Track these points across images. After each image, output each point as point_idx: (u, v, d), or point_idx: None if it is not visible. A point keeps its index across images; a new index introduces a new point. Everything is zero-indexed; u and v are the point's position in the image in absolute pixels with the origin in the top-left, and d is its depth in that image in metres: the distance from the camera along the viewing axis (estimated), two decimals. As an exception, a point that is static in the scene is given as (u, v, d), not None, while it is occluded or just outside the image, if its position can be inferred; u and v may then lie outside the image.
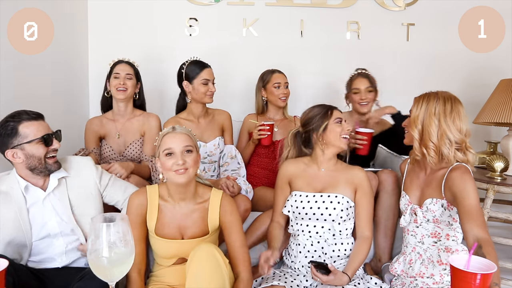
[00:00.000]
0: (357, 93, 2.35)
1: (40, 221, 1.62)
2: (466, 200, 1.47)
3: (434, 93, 1.66)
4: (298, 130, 1.91)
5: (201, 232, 1.60)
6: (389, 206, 2.03)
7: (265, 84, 2.49)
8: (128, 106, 2.29)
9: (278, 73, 2.50)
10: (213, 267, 1.39)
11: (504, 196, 2.75)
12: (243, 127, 2.59)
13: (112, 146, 2.28)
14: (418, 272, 1.67)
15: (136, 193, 1.63)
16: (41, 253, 1.64)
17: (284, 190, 1.87)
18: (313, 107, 1.86)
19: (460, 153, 1.60)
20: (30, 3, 2.25)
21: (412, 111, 1.67)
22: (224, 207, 1.60)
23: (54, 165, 1.60)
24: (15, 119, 1.53)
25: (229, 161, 2.32)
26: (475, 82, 3.08)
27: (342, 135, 1.78)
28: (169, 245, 1.58)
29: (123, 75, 2.22)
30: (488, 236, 1.41)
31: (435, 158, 1.61)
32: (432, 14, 3.08)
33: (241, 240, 1.60)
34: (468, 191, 1.49)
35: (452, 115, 1.59)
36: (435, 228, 1.65)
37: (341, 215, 1.75)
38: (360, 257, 1.73)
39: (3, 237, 1.55)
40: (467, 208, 1.45)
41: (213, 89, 2.25)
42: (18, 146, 1.52)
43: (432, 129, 1.59)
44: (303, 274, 1.78)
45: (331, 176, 1.82)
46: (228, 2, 3.05)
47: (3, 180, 1.61)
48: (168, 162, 1.49)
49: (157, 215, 1.58)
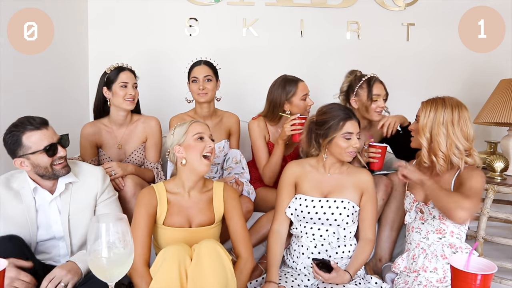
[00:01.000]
0: (377, 100, 2.13)
1: (46, 223, 1.63)
2: (468, 182, 1.56)
3: (441, 100, 1.67)
4: (314, 120, 1.82)
5: (208, 220, 1.68)
6: (398, 208, 2.03)
7: (290, 97, 2.18)
8: (128, 114, 2.18)
9: (301, 82, 2.22)
10: (217, 264, 1.42)
11: (504, 196, 2.74)
12: (255, 134, 2.26)
13: (110, 157, 2.18)
14: (421, 266, 1.68)
15: (145, 189, 1.69)
16: (46, 252, 1.66)
17: (289, 190, 1.82)
18: (333, 108, 1.76)
19: (469, 158, 1.64)
20: (30, 3, 2.25)
21: (420, 118, 1.67)
22: (228, 192, 1.72)
23: (62, 171, 1.59)
24: (19, 128, 1.51)
25: (233, 166, 2.30)
26: (475, 82, 3.08)
27: (347, 151, 1.71)
28: (178, 233, 1.64)
29: (131, 84, 2.09)
30: (468, 217, 1.52)
31: (444, 166, 1.65)
32: (432, 14, 3.08)
33: (242, 222, 1.70)
34: (475, 177, 1.57)
35: (460, 124, 1.63)
36: (440, 224, 1.67)
37: (347, 221, 1.73)
38: (363, 258, 1.74)
39: (8, 231, 1.56)
40: (467, 187, 1.55)
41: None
42: (23, 156, 1.53)
43: (441, 139, 1.62)
44: (304, 274, 1.78)
45: (337, 179, 1.79)
46: (228, 2, 3.05)
47: (16, 178, 1.62)
48: (200, 145, 1.62)
49: (167, 207, 1.64)
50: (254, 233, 2.08)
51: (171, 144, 1.66)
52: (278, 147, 2.13)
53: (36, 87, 2.37)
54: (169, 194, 1.67)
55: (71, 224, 1.65)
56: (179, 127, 1.66)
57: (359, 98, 2.19)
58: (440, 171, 1.67)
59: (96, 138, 2.17)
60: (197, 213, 1.67)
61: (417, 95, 1.82)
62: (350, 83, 2.24)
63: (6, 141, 1.53)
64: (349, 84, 2.25)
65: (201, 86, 2.19)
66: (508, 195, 2.59)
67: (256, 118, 2.30)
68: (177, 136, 1.65)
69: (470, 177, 1.58)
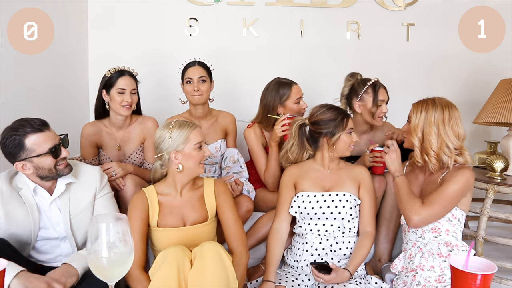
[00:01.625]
0: (381, 105, 2.14)
1: (49, 224, 1.63)
2: (442, 187, 1.62)
3: (432, 100, 1.71)
4: (304, 123, 1.89)
5: (202, 217, 1.69)
6: (393, 207, 2.03)
7: (284, 101, 2.18)
8: (127, 118, 2.17)
9: (295, 85, 2.20)
10: (218, 267, 1.43)
11: (504, 196, 2.74)
12: (252, 142, 2.24)
13: (111, 157, 2.19)
14: (418, 264, 1.68)
15: (136, 194, 1.70)
16: (48, 253, 1.66)
17: (289, 191, 1.86)
18: (328, 109, 1.83)
19: (460, 157, 1.68)
20: (30, 3, 2.25)
21: (412, 118, 1.71)
22: (218, 187, 1.73)
23: (66, 170, 1.59)
24: (20, 132, 1.47)
25: (231, 165, 2.30)
26: (475, 82, 3.08)
27: (350, 145, 1.82)
28: (173, 233, 1.64)
29: (128, 90, 2.07)
30: (421, 224, 1.64)
31: (436, 165, 1.68)
32: (432, 14, 3.08)
33: (235, 217, 1.71)
34: (453, 180, 1.61)
35: (451, 123, 1.66)
36: (435, 223, 1.68)
37: (351, 213, 1.77)
38: (362, 252, 1.75)
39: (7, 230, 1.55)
40: (436, 192, 1.62)
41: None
42: (26, 159, 1.50)
43: (432, 138, 1.65)
44: (305, 274, 1.78)
45: (336, 175, 1.85)
46: (228, 2, 3.05)
47: (14, 178, 1.62)
48: (200, 154, 1.64)
49: (158, 209, 1.65)
50: (254, 233, 2.08)
51: (166, 148, 1.61)
52: (272, 150, 2.12)
53: (36, 87, 2.37)
54: (160, 196, 1.67)
55: (73, 224, 1.64)
56: (178, 130, 1.61)
57: (363, 103, 2.17)
58: (433, 170, 1.70)
59: (97, 139, 2.17)
60: (190, 211, 1.67)
61: (417, 95, 1.82)
62: (352, 87, 2.22)
63: (7, 145, 1.48)
64: (351, 87, 2.23)
65: (195, 87, 2.18)
66: (508, 195, 2.59)
67: (252, 126, 2.26)
68: (176, 142, 1.60)
69: (448, 180, 1.62)
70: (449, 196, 1.61)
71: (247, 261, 1.68)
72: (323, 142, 1.83)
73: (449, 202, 1.62)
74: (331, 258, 1.78)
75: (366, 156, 2.05)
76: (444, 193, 1.61)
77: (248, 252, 1.70)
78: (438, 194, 1.61)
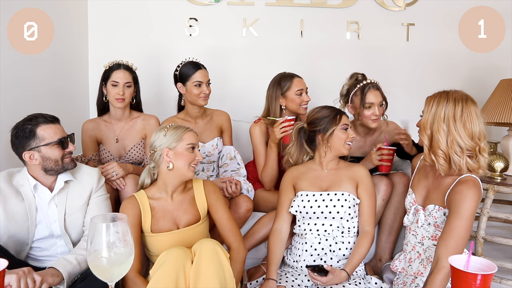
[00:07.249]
0: (371, 107, 2.10)
1: (45, 221, 1.64)
2: (457, 219, 1.42)
3: (445, 93, 1.55)
4: (303, 126, 1.91)
5: (194, 218, 1.70)
6: (397, 208, 2.02)
7: (285, 91, 2.22)
8: (126, 110, 2.23)
9: (298, 77, 2.25)
10: (214, 265, 1.43)
11: (504, 196, 2.75)
12: (256, 139, 2.25)
13: (110, 151, 2.23)
14: (416, 271, 1.67)
15: (127, 200, 1.69)
16: (44, 250, 1.67)
17: (288, 192, 1.88)
18: (322, 108, 1.87)
19: (472, 160, 1.50)
20: (30, 3, 2.25)
21: (424, 113, 1.57)
22: (208, 187, 1.75)
23: (71, 163, 1.64)
24: (33, 121, 1.56)
25: (228, 162, 2.30)
26: (475, 82, 3.08)
27: (346, 141, 1.81)
28: (167, 237, 1.64)
29: (122, 83, 2.12)
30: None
31: (444, 166, 1.52)
32: (432, 14, 3.08)
33: (228, 214, 1.73)
34: (465, 209, 1.42)
35: (463, 119, 1.48)
36: (436, 231, 1.63)
37: (349, 212, 1.77)
38: (360, 252, 1.74)
39: (7, 230, 1.56)
40: (452, 226, 1.42)
41: (206, 91, 2.18)
42: (35, 148, 1.55)
43: (441, 136, 1.49)
44: (305, 274, 1.78)
45: (334, 174, 1.85)
46: (228, 2, 3.05)
47: (14, 176, 1.64)
48: (191, 155, 1.65)
49: (150, 214, 1.65)
50: (255, 233, 2.08)
51: (160, 145, 1.64)
52: (271, 150, 2.14)
53: (36, 87, 2.37)
54: (152, 200, 1.68)
55: (67, 223, 1.66)
56: (173, 130, 1.65)
57: (353, 105, 2.17)
58: (443, 171, 1.54)
59: (96, 133, 2.23)
60: (183, 214, 1.68)
61: (416, 95, 1.82)
62: (349, 88, 2.22)
63: (18, 134, 1.54)
64: (348, 88, 2.22)
65: (206, 90, 2.20)
66: (508, 195, 2.59)
67: (257, 122, 2.27)
68: (169, 140, 1.64)
69: (459, 207, 1.43)
70: (461, 228, 1.42)
71: (245, 255, 1.69)
72: (319, 140, 1.85)
73: (465, 231, 1.42)
74: (330, 258, 1.78)
75: (373, 154, 2.04)
76: (455, 229, 1.42)
77: (245, 246, 1.72)
78: (449, 234, 1.41)
